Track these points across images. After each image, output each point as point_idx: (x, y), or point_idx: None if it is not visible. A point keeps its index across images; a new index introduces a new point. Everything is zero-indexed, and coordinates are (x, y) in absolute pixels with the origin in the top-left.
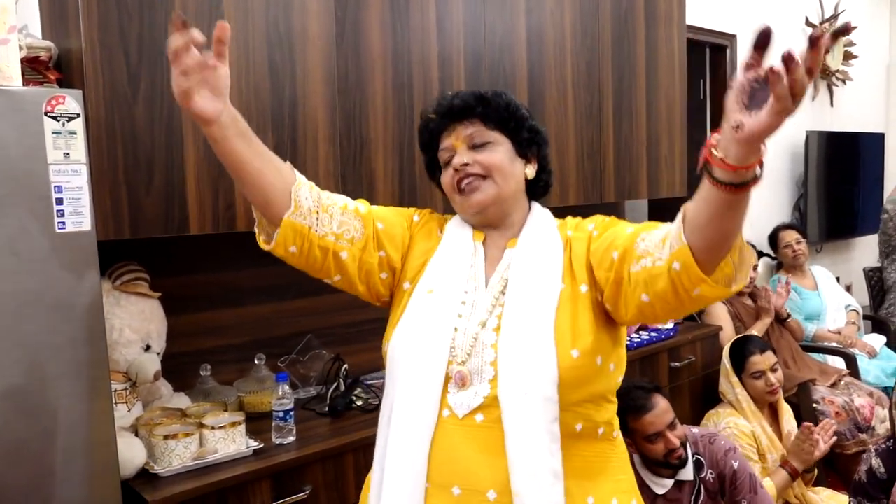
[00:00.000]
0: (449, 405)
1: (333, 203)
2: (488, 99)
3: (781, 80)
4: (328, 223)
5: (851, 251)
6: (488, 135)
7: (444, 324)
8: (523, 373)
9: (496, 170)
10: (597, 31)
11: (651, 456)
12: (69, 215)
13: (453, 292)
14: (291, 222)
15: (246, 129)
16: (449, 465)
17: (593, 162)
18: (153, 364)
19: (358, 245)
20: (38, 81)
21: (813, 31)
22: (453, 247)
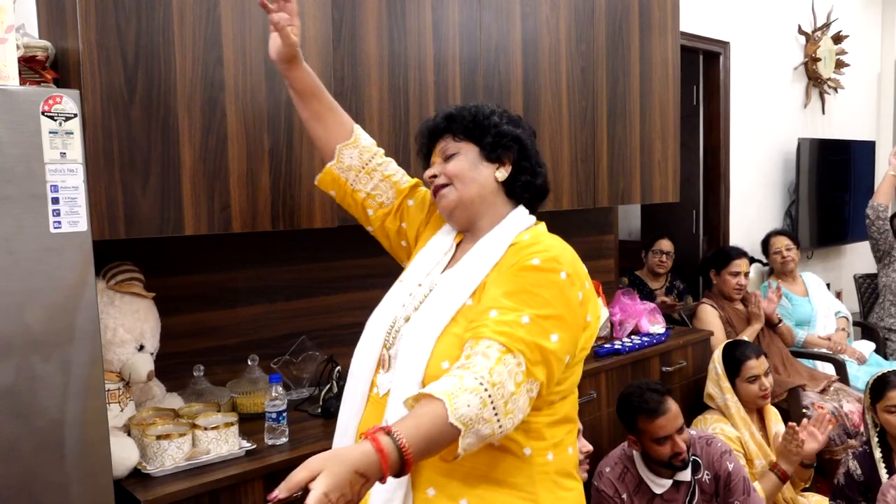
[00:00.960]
0: (377, 385)
1: (381, 171)
2: (453, 114)
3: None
4: (365, 183)
5: (842, 258)
6: (455, 146)
7: (389, 311)
8: (404, 367)
9: (455, 177)
10: (591, 37)
11: (656, 457)
12: (65, 215)
13: (409, 284)
14: (331, 171)
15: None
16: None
17: (587, 167)
18: (147, 364)
19: (384, 210)
20: (35, 81)
21: None
22: (434, 243)
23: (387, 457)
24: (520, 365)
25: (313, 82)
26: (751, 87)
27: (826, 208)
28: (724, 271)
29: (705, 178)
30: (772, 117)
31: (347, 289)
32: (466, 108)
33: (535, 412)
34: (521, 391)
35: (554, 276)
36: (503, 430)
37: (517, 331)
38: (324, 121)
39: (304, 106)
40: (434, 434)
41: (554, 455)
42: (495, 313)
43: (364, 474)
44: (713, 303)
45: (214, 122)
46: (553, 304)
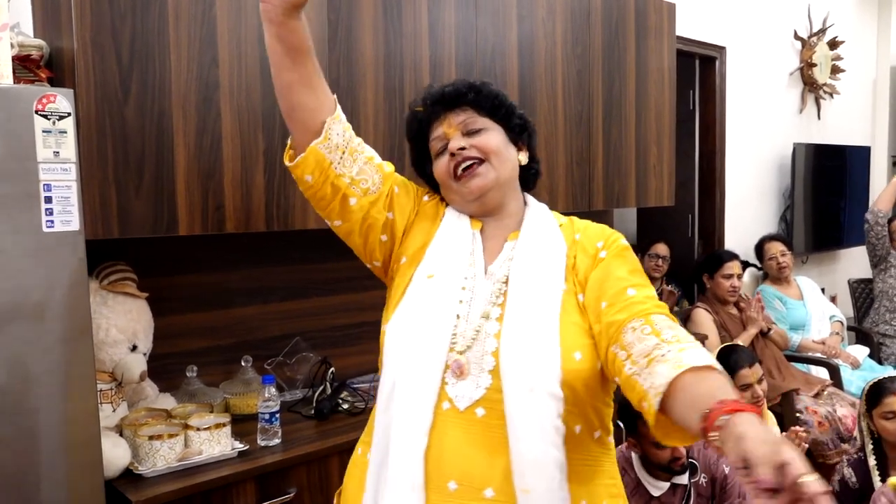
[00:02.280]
0: (449, 397)
1: (362, 151)
2: (479, 87)
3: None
4: (350, 166)
5: (837, 263)
6: (481, 121)
7: (446, 310)
8: (528, 368)
9: (493, 153)
10: (588, 41)
11: (655, 460)
12: (58, 214)
13: (453, 278)
14: (317, 151)
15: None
16: (446, 459)
17: (582, 170)
18: (139, 364)
19: (370, 198)
20: (29, 80)
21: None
22: (452, 233)
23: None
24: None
25: (308, 38)
26: (746, 92)
27: (821, 213)
28: (717, 274)
29: (701, 182)
30: (767, 122)
31: (342, 290)
32: (487, 84)
33: (609, 396)
34: None
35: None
36: None
37: (657, 301)
38: (314, 87)
39: (293, 67)
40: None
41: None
42: (634, 291)
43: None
44: (707, 307)
45: (209, 122)
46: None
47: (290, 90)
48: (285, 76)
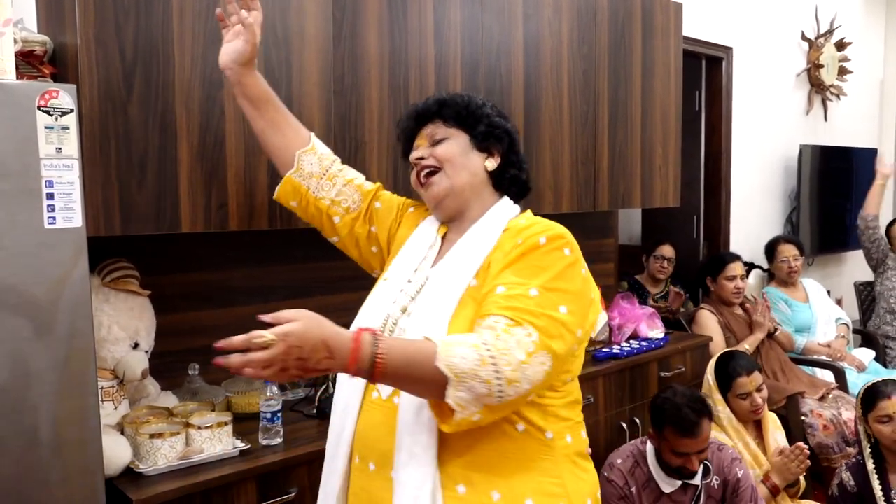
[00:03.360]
0: (377, 387)
1: (342, 175)
2: (446, 100)
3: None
4: (328, 189)
5: (843, 265)
6: (445, 131)
7: (380, 309)
8: None
9: (446, 161)
10: (594, 40)
11: (667, 462)
12: (60, 210)
13: (398, 280)
14: (291, 180)
15: (256, 96)
16: (370, 442)
17: (587, 170)
18: (141, 362)
19: (352, 215)
20: (32, 76)
21: None
22: (417, 238)
23: (359, 349)
24: (529, 335)
25: (267, 88)
26: (753, 93)
27: (827, 215)
28: (720, 276)
29: (706, 183)
30: (774, 123)
31: (344, 289)
32: (459, 96)
33: (552, 393)
34: (532, 361)
35: (559, 251)
36: (503, 397)
37: (526, 304)
38: (280, 128)
39: (259, 114)
40: (415, 366)
41: (572, 437)
42: (502, 289)
43: (331, 351)
44: (712, 308)
45: (213, 120)
46: (561, 278)
47: (263, 135)
48: (258, 125)
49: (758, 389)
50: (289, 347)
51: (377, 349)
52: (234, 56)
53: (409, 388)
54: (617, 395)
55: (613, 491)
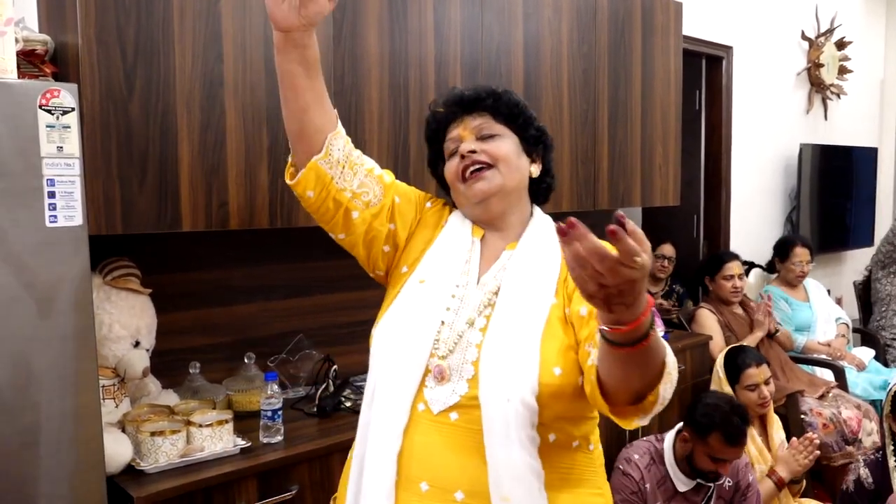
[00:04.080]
0: (425, 399)
1: (361, 164)
2: (499, 93)
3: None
4: (350, 179)
5: (843, 264)
6: (496, 127)
7: (432, 315)
8: (505, 378)
9: (502, 160)
10: (594, 39)
11: (698, 465)
12: (61, 209)
13: (444, 285)
14: (317, 167)
15: (313, 62)
16: (420, 460)
17: (587, 169)
18: (142, 360)
19: (372, 210)
20: (33, 75)
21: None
22: (451, 239)
23: (647, 313)
24: None
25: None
26: (753, 92)
27: (827, 214)
28: (718, 276)
29: (706, 182)
30: (774, 122)
31: (345, 288)
32: (509, 92)
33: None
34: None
35: None
36: (665, 402)
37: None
38: (324, 104)
39: (310, 84)
40: (660, 350)
41: (600, 447)
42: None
43: (634, 300)
44: (711, 307)
45: (213, 119)
46: None
47: (307, 111)
48: (304, 97)
49: (766, 382)
50: (635, 279)
51: (654, 323)
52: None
53: (635, 369)
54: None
55: (628, 484)
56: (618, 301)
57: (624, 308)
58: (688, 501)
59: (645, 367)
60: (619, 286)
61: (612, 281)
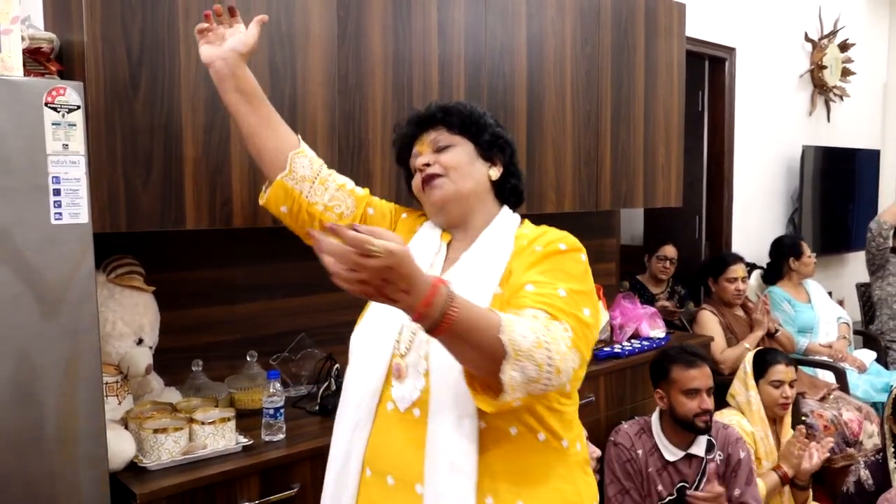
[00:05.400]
0: (393, 399)
1: (333, 180)
2: (450, 108)
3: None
4: (321, 194)
5: (845, 266)
6: (450, 139)
7: (393, 317)
8: (451, 365)
9: (453, 168)
10: (597, 40)
11: (681, 412)
12: (66, 206)
13: None
14: (283, 183)
15: (248, 90)
16: (387, 455)
17: (590, 169)
18: (145, 358)
19: (345, 221)
20: (39, 73)
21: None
22: (420, 245)
23: (434, 296)
24: (566, 331)
25: (256, 84)
26: (756, 94)
27: (829, 216)
28: (722, 278)
29: (708, 183)
30: (776, 124)
31: None
32: (461, 104)
33: (566, 399)
34: (570, 356)
35: (577, 257)
36: (548, 385)
37: (557, 302)
38: (274, 127)
39: (252, 110)
40: (481, 331)
41: (581, 446)
42: (532, 287)
43: (410, 287)
44: (713, 309)
45: (217, 118)
46: (582, 282)
47: (255, 135)
48: (249, 121)
49: (790, 384)
50: (385, 266)
51: (452, 302)
52: (236, 45)
53: (463, 353)
54: (618, 394)
55: (621, 453)
56: (392, 291)
57: (405, 296)
58: (679, 473)
59: (468, 346)
60: (378, 276)
61: (367, 274)
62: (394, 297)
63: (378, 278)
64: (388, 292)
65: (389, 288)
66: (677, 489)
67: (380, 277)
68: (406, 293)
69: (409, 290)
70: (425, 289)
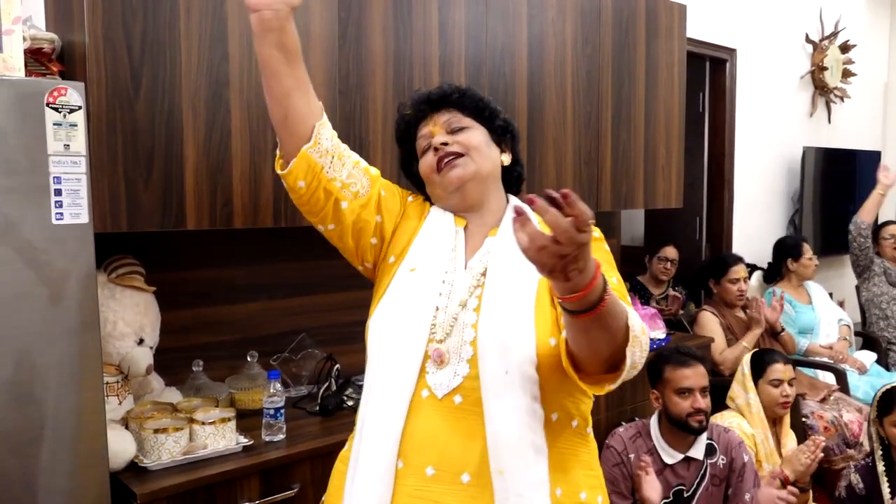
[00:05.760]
0: (428, 385)
1: (349, 155)
2: (464, 89)
3: (546, 212)
4: (339, 170)
5: (845, 268)
6: (465, 121)
7: (426, 301)
8: (503, 352)
9: (474, 148)
10: (597, 41)
11: (675, 411)
12: (67, 207)
13: (434, 271)
14: (307, 156)
15: (292, 47)
16: (425, 445)
17: (590, 170)
18: (146, 358)
19: (360, 201)
20: (40, 73)
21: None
22: (436, 229)
23: (597, 279)
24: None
25: (299, 43)
26: (757, 95)
27: (830, 218)
28: (724, 279)
29: (709, 184)
30: (777, 125)
31: (348, 287)
32: (471, 89)
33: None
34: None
35: (605, 244)
36: (635, 370)
37: (620, 290)
38: (307, 91)
39: (290, 70)
40: (619, 315)
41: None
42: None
43: (585, 265)
44: (714, 310)
45: (218, 118)
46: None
47: (289, 97)
48: (285, 83)
49: (789, 383)
50: (586, 244)
51: (607, 286)
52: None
53: (599, 334)
54: (618, 395)
55: (611, 457)
56: (573, 268)
57: (578, 273)
58: (677, 476)
59: (608, 330)
60: (575, 252)
61: (569, 249)
62: (569, 274)
63: (575, 253)
64: (570, 268)
65: (575, 264)
66: (674, 492)
67: (576, 253)
68: (580, 272)
69: (583, 270)
70: (593, 270)
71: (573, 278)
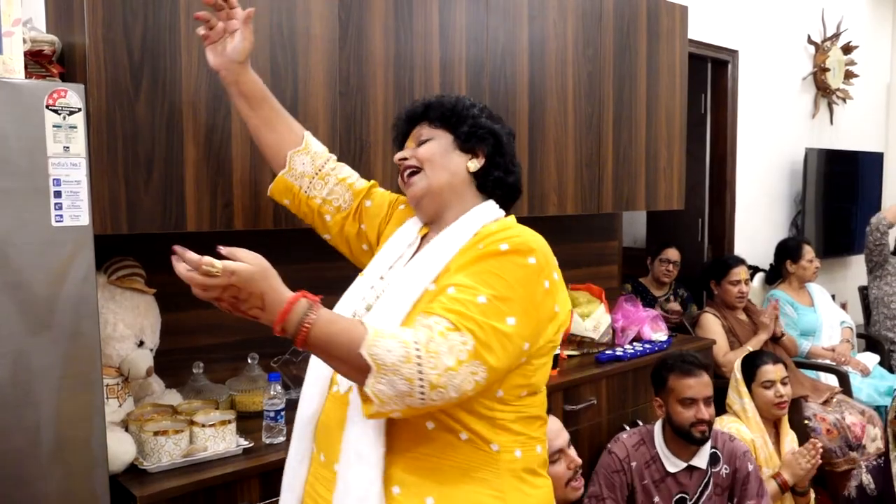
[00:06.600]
0: (336, 381)
1: (335, 175)
2: (431, 102)
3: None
4: (319, 189)
5: (848, 269)
6: (430, 132)
7: (348, 304)
8: None
9: (426, 161)
10: (599, 42)
11: (678, 421)
12: (67, 209)
13: (369, 277)
14: (284, 180)
15: (251, 93)
16: (324, 434)
17: (592, 172)
18: (146, 360)
19: (342, 214)
20: (40, 75)
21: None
22: (399, 236)
23: (289, 312)
24: (465, 343)
25: (262, 85)
26: (759, 97)
27: (832, 219)
28: (724, 281)
29: (711, 186)
30: (779, 127)
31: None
32: (447, 97)
33: (503, 406)
34: (462, 370)
35: (521, 260)
36: (426, 400)
37: (471, 310)
38: (274, 126)
39: (254, 113)
40: (338, 345)
41: (522, 452)
42: (452, 290)
43: (264, 305)
44: (716, 312)
45: (219, 120)
46: (514, 288)
47: (257, 133)
48: (251, 123)
49: (782, 382)
50: (229, 284)
51: (306, 318)
52: (232, 54)
53: (333, 365)
54: (620, 397)
55: (612, 463)
56: (247, 307)
57: (260, 312)
58: (679, 485)
59: (330, 359)
60: (225, 293)
61: (215, 292)
62: (250, 312)
63: (227, 295)
64: (244, 308)
65: (242, 304)
66: (676, 501)
67: (228, 295)
68: (260, 309)
69: (262, 307)
70: (280, 306)
71: (257, 315)
